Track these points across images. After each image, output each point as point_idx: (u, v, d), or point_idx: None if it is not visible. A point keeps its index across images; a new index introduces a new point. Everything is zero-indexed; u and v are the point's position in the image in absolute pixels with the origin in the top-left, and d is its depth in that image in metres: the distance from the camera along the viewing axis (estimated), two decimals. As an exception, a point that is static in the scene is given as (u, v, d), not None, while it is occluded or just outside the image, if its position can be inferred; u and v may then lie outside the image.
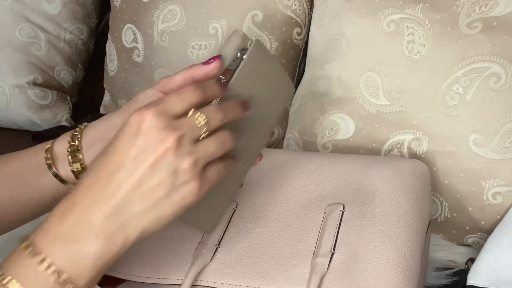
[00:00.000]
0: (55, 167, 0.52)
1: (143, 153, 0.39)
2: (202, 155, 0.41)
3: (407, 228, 0.52)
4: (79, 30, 1.19)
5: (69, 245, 0.38)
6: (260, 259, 0.51)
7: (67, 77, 1.19)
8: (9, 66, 1.13)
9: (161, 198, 0.40)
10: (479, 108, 0.68)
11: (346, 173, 0.60)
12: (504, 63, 0.68)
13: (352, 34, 0.77)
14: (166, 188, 0.40)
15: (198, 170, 0.41)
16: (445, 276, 0.67)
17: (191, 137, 0.41)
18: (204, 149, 0.41)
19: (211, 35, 0.93)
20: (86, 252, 0.39)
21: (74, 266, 0.38)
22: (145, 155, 0.39)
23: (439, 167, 0.71)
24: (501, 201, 0.69)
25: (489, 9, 0.69)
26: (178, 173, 0.40)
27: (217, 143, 0.42)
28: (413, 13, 0.73)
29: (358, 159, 0.63)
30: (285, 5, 0.90)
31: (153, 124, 0.40)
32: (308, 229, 0.53)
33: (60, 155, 0.52)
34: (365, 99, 0.75)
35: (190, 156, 0.40)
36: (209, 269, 0.51)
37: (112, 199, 0.39)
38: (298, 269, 0.49)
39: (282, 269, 0.49)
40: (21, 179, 0.52)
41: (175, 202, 0.41)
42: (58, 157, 0.52)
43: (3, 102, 1.14)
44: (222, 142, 0.43)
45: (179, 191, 0.40)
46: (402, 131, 0.73)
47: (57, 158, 0.52)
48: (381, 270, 0.47)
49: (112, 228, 0.39)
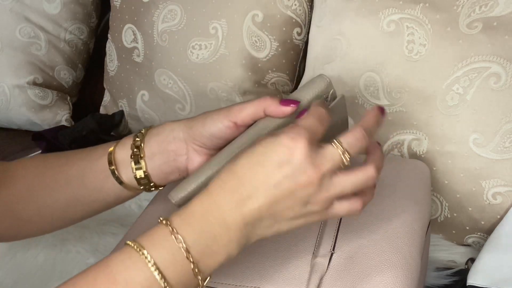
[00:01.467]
0: (118, 172, 0.53)
1: (286, 179, 0.41)
2: (337, 192, 0.43)
3: (406, 228, 0.52)
4: (79, 30, 1.19)
5: (207, 241, 0.41)
6: (260, 259, 0.51)
7: (67, 77, 1.19)
8: (9, 66, 1.13)
9: (287, 219, 0.43)
10: (479, 108, 0.68)
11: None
12: (504, 63, 0.68)
13: (352, 34, 0.77)
14: (294, 213, 0.42)
15: (327, 205, 0.43)
16: (445, 276, 0.67)
17: (332, 171, 0.42)
18: (341, 186, 0.43)
19: (211, 35, 0.93)
20: (219, 251, 0.42)
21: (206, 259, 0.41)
22: (287, 181, 0.41)
23: (439, 167, 0.71)
24: (501, 201, 0.69)
25: (489, 9, 0.69)
26: (309, 203, 0.42)
27: (355, 180, 0.43)
28: (413, 13, 0.73)
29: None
30: (285, 5, 0.90)
31: (303, 156, 0.41)
32: (308, 228, 0.53)
33: (123, 161, 0.53)
34: (365, 99, 0.75)
35: (326, 193, 0.42)
36: None
37: (252, 211, 0.42)
38: (298, 269, 0.49)
39: (282, 269, 0.49)
40: (84, 181, 0.53)
41: (295, 225, 0.44)
42: (120, 162, 0.53)
43: (3, 102, 1.14)
44: (359, 182, 0.43)
45: (303, 218, 0.43)
46: (402, 131, 0.73)
47: (120, 164, 0.53)
48: (381, 270, 0.47)
49: (242, 236, 0.42)
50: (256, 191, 0.41)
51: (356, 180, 0.43)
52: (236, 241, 0.42)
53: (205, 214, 0.41)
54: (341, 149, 0.42)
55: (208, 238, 0.41)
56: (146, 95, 1.04)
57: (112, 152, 0.53)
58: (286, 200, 0.42)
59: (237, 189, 0.42)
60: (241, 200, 0.41)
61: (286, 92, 0.96)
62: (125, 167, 0.53)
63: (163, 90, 1.00)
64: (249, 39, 0.91)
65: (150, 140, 0.52)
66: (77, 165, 0.54)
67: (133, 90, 1.06)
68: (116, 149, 0.53)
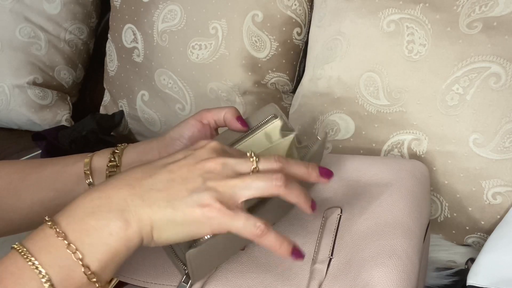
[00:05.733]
0: (92, 177, 0.54)
1: (185, 159, 0.42)
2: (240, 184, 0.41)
3: (404, 230, 0.52)
4: (79, 30, 1.19)
5: (84, 219, 0.39)
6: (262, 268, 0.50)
7: (67, 77, 1.19)
8: (9, 66, 1.13)
9: (180, 199, 0.40)
10: (479, 108, 0.68)
11: (345, 175, 0.60)
12: (504, 63, 0.67)
13: (352, 34, 0.77)
14: (187, 192, 0.40)
15: (228, 193, 0.41)
16: (445, 276, 0.67)
17: (236, 167, 0.42)
18: (246, 181, 0.41)
19: (211, 35, 0.93)
20: (99, 226, 0.39)
21: (85, 239, 0.39)
22: (190, 159, 0.42)
23: (439, 167, 0.71)
24: (501, 201, 0.69)
25: (489, 9, 0.69)
26: (205, 186, 0.40)
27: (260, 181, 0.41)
28: (413, 13, 0.73)
29: (357, 159, 0.63)
30: (285, 5, 0.90)
31: (213, 146, 0.43)
32: (307, 234, 0.53)
33: (99, 168, 0.54)
34: (365, 99, 0.75)
35: (226, 179, 0.41)
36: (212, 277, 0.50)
37: (141, 182, 0.41)
38: (298, 276, 0.49)
39: (284, 279, 0.49)
40: (54, 184, 0.54)
41: (189, 212, 0.40)
42: (96, 169, 0.54)
43: (3, 102, 1.14)
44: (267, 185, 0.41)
45: (197, 204, 0.40)
46: (402, 131, 0.73)
47: (95, 171, 0.54)
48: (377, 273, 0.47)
49: (129, 208, 0.39)
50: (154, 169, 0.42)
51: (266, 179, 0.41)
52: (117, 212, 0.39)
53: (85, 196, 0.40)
54: (251, 154, 0.43)
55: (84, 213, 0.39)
56: (146, 95, 1.04)
57: (89, 159, 0.55)
58: (185, 178, 0.41)
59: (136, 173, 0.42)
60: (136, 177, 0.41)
61: (286, 92, 0.97)
62: (99, 175, 0.54)
63: (163, 90, 1.00)
64: (249, 39, 0.91)
65: (128, 151, 0.55)
66: (50, 169, 0.55)
67: (133, 90, 1.06)
68: (93, 157, 0.55)
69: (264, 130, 0.54)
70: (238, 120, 0.53)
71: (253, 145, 0.53)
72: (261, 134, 0.54)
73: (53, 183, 0.54)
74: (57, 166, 0.55)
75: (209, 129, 0.55)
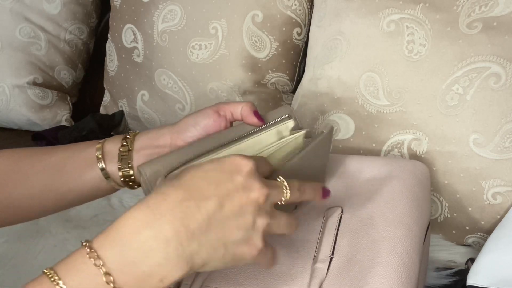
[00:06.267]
0: (104, 161, 0.54)
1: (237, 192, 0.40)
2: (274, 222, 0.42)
3: (404, 230, 0.52)
4: (79, 30, 1.19)
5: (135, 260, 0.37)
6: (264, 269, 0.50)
7: (67, 77, 1.19)
8: (9, 66, 1.13)
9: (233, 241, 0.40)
10: (479, 108, 0.68)
11: (346, 175, 0.60)
12: (504, 63, 0.68)
13: (352, 34, 0.77)
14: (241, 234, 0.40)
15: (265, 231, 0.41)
16: (445, 276, 0.67)
17: (274, 200, 0.42)
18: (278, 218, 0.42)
19: (211, 35, 0.93)
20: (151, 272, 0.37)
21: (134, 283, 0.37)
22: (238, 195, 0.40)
23: (439, 167, 0.71)
24: (501, 201, 0.69)
25: (489, 9, 0.69)
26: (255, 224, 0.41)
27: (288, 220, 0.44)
28: (413, 13, 0.73)
29: (357, 159, 0.63)
30: (285, 5, 0.90)
31: (253, 172, 0.41)
32: (308, 234, 0.53)
33: (110, 152, 0.55)
34: (365, 99, 0.75)
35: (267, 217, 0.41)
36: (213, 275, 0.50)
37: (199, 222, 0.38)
38: (299, 276, 0.49)
39: (285, 278, 0.49)
40: (64, 169, 0.54)
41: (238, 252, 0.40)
42: (108, 154, 0.55)
43: (3, 102, 1.14)
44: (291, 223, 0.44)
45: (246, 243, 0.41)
46: (402, 131, 0.73)
47: (108, 155, 0.55)
48: (377, 272, 0.47)
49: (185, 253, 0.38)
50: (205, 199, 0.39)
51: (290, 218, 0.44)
52: (175, 258, 0.37)
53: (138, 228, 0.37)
54: (285, 186, 0.43)
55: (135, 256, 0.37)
56: (146, 95, 1.04)
57: (101, 144, 0.55)
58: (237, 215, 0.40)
59: (183, 201, 0.38)
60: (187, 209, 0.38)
61: (286, 92, 0.97)
62: (111, 158, 0.54)
63: (163, 90, 1.00)
64: (249, 39, 0.91)
65: (140, 137, 0.55)
66: (60, 154, 0.55)
67: (133, 90, 1.06)
68: (105, 143, 0.55)
69: (277, 128, 0.55)
70: (255, 114, 0.54)
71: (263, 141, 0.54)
72: (273, 131, 0.55)
73: (64, 167, 0.54)
74: (67, 152, 0.55)
75: (224, 121, 0.55)
